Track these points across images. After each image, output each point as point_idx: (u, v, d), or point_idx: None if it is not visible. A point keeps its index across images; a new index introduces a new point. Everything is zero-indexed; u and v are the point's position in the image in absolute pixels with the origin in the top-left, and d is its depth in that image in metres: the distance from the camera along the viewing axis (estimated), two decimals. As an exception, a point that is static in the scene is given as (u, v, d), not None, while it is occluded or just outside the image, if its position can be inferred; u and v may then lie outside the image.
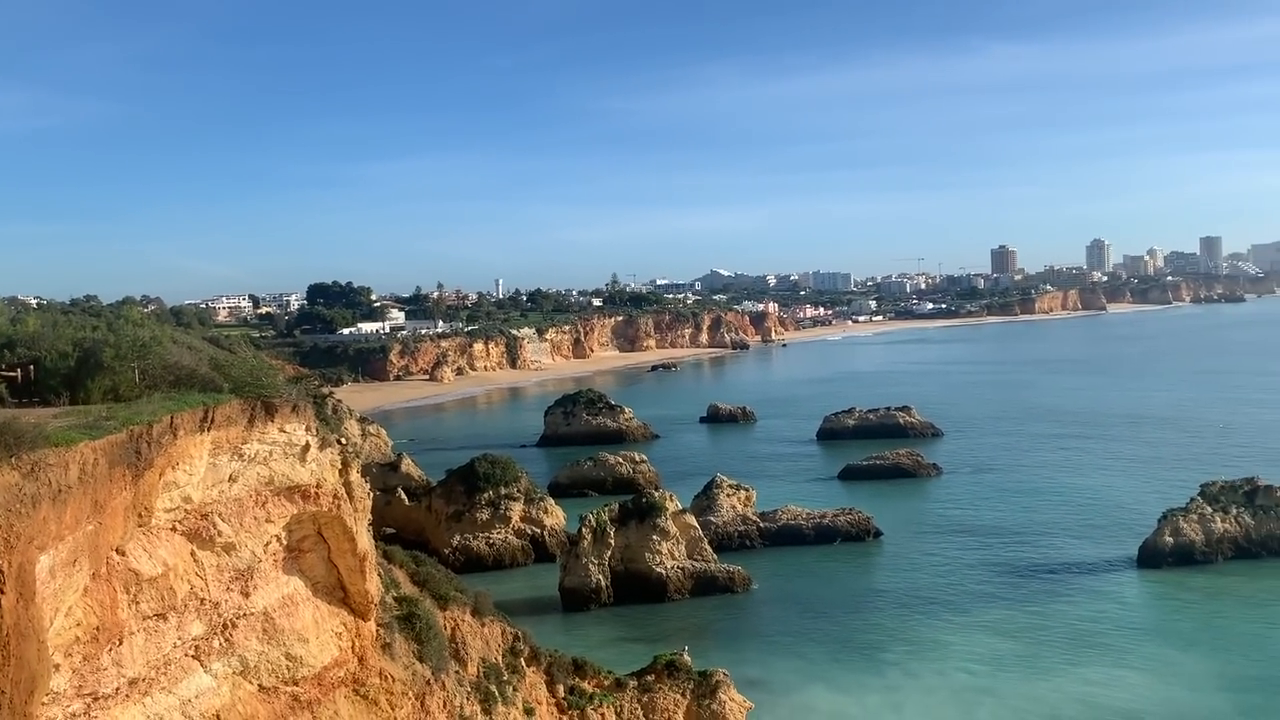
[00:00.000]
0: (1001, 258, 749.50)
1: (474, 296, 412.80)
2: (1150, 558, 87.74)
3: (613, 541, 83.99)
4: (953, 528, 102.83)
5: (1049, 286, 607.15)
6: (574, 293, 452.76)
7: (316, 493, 27.84)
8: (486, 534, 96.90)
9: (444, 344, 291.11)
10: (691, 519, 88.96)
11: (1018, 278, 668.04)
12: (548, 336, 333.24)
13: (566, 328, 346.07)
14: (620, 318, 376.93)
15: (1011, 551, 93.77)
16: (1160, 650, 68.79)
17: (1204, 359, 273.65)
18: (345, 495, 29.06)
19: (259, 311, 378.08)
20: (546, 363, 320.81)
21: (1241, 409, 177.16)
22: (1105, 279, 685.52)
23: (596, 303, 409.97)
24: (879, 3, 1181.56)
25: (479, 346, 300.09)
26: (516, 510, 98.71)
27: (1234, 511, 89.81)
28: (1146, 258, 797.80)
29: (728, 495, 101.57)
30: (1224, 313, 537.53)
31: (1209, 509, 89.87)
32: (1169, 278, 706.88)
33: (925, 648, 70.24)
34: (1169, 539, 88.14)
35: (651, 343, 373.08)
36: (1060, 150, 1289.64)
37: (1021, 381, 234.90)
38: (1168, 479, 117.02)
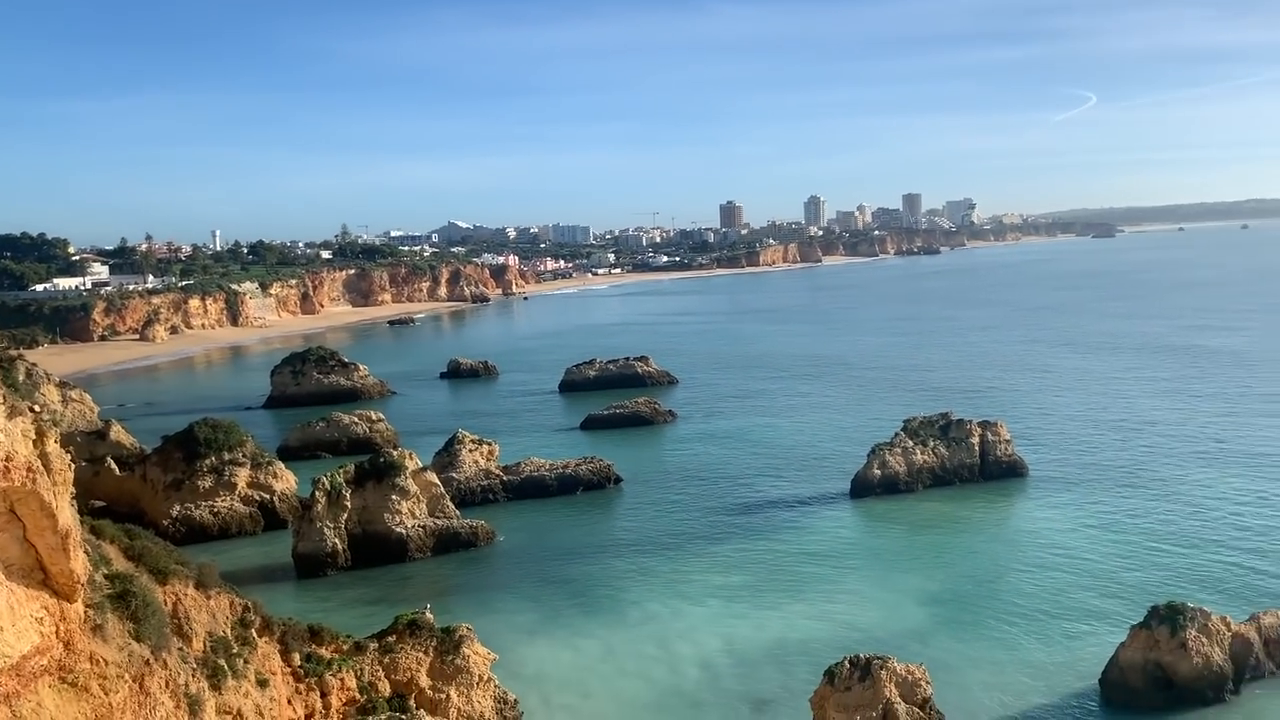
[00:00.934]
0: (729, 213, 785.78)
1: (189, 249, 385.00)
2: (861, 489, 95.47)
3: (349, 504, 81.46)
4: (688, 471, 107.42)
5: (772, 241, 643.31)
6: (301, 245, 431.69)
7: (6, 467, 24.96)
8: (210, 502, 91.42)
9: (155, 300, 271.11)
10: (433, 476, 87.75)
11: (744, 232, 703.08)
12: (273, 291, 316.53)
13: (293, 282, 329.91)
14: (352, 271, 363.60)
15: (741, 491, 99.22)
16: (872, 571, 75.27)
17: (904, 306, 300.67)
18: (41, 468, 26.23)
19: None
20: (272, 319, 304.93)
21: (935, 351, 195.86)
22: (821, 233, 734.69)
23: (326, 255, 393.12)
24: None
25: (195, 303, 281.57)
26: (242, 476, 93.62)
27: (931, 444, 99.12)
28: (857, 213, 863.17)
29: (470, 450, 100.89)
30: (923, 264, 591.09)
31: (910, 442, 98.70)
32: (876, 232, 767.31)
33: (666, 587, 73.21)
34: (877, 471, 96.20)
35: (387, 297, 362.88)
36: (783, 111, 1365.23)
37: (748, 330, 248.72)
38: (875, 416, 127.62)
